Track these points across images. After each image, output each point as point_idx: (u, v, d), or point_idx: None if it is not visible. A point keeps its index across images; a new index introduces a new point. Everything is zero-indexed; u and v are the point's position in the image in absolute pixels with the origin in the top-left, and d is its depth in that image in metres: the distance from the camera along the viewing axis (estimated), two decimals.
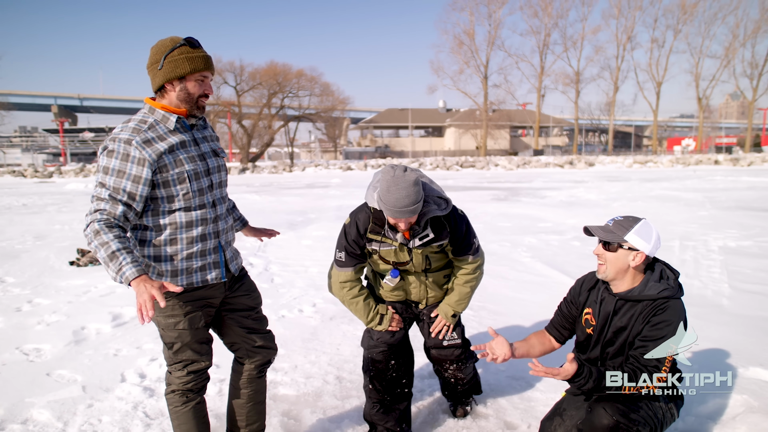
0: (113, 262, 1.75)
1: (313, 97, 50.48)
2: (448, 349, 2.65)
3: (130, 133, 1.91)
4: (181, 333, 2.07)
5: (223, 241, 2.16)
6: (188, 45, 1.97)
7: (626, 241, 2.13)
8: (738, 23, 57.57)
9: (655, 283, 2.15)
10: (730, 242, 7.86)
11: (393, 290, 2.63)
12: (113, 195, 1.86)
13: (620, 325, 2.22)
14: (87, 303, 5.07)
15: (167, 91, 2.00)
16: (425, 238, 2.39)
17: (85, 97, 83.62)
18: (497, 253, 7.46)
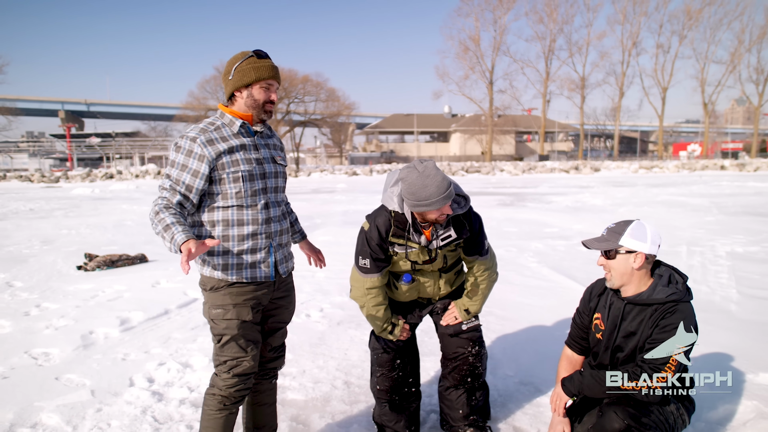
0: (167, 232, 1.93)
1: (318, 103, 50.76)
2: (470, 333, 2.64)
3: (197, 132, 2.12)
4: (229, 324, 2.14)
5: (275, 242, 2.26)
6: (255, 56, 2.16)
7: (622, 246, 2.16)
8: (743, 29, 57.55)
9: (664, 287, 2.16)
10: (738, 248, 7.81)
11: (407, 293, 2.63)
12: (173, 186, 2.08)
13: (630, 330, 2.21)
14: (95, 307, 5.09)
15: (236, 98, 2.19)
16: (448, 238, 2.40)
17: (92, 102, 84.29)
18: (504, 258, 7.44)
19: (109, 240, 9.87)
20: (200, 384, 3.36)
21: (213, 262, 2.16)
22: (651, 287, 2.18)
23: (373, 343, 2.68)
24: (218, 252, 2.15)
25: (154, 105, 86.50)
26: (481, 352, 2.67)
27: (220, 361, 2.18)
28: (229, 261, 2.16)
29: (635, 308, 2.21)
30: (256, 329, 2.23)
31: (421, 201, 2.22)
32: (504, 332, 4.28)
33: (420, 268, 2.54)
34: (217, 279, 2.16)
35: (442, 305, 2.70)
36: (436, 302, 2.71)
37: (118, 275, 6.59)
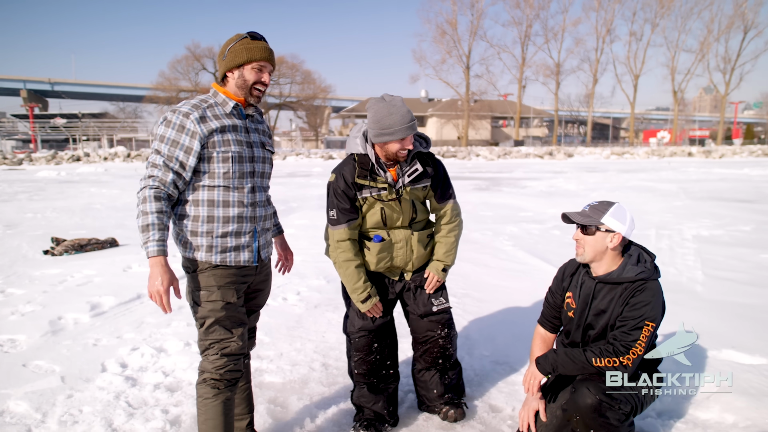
0: (144, 233, 1.96)
1: (294, 85, 50.10)
2: (439, 315, 2.67)
3: (190, 107, 2.08)
4: (213, 306, 2.11)
5: (259, 227, 2.24)
6: (249, 37, 2.15)
7: (603, 224, 2.19)
8: (713, 18, 58.79)
9: (633, 266, 2.21)
10: (704, 231, 8.05)
11: (378, 255, 2.56)
12: (167, 162, 2.04)
13: (600, 308, 2.27)
14: (63, 293, 4.96)
15: (228, 79, 2.18)
16: (414, 172, 2.47)
17: (57, 81, 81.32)
18: (480, 242, 7.52)
19: (77, 224, 9.60)
20: (175, 368, 3.31)
21: (196, 244, 2.11)
22: (621, 266, 2.23)
23: (349, 328, 2.66)
24: (202, 233, 2.11)
25: (123, 85, 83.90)
26: (451, 333, 2.72)
27: (206, 346, 2.14)
28: (213, 243, 2.11)
29: (606, 287, 2.26)
30: (241, 311, 2.20)
31: (384, 129, 2.33)
32: (480, 314, 4.33)
33: (390, 221, 2.52)
34: (201, 261, 2.11)
35: (414, 283, 2.67)
36: (408, 281, 2.68)
37: (87, 260, 6.42)
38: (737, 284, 5.08)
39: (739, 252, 6.53)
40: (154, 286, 1.95)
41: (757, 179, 18.39)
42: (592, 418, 2.09)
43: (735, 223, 8.80)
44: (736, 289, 4.92)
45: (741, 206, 10.93)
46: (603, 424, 2.09)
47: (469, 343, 3.69)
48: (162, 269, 1.95)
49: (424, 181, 2.57)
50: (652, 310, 2.14)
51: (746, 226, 8.49)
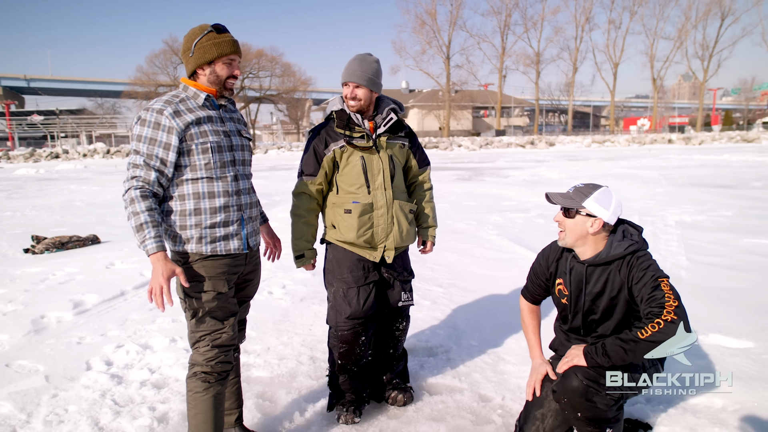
0: (139, 233, 1.95)
1: (274, 78, 49.53)
2: (400, 309, 2.73)
3: (162, 104, 2.06)
4: (205, 297, 2.09)
5: (245, 215, 2.24)
6: (215, 31, 2.13)
7: (584, 207, 2.13)
8: (690, 5, 59.46)
9: (620, 242, 2.15)
10: (686, 217, 8.18)
11: (359, 218, 2.52)
12: (147, 161, 2.02)
13: (596, 291, 2.21)
14: (45, 291, 4.86)
15: (199, 75, 2.17)
16: (390, 121, 2.59)
17: (33, 77, 79.40)
18: (464, 232, 7.55)
19: (57, 221, 9.43)
20: (161, 365, 3.27)
21: (185, 236, 2.10)
22: (607, 245, 2.16)
23: (334, 320, 2.61)
24: (190, 225, 2.10)
25: (101, 81, 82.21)
26: (407, 326, 2.80)
27: (196, 338, 2.12)
28: (203, 234, 2.11)
29: (597, 269, 2.19)
30: (232, 301, 2.19)
31: (343, 70, 2.51)
32: (467, 303, 4.35)
33: (371, 174, 2.52)
34: (191, 253, 2.10)
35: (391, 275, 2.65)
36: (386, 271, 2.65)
37: (68, 257, 6.31)
38: (721, 269, 5.17)
39: (722, 237, 6.65)
40: (155, 280, 1.93)
41: (737, 165, 18.73)
42: (579, 401, 2.08)
43: (717, 208, 8.95)
44: (719, 273, 5.01)
45: (722, 192, 11.12)
46: (590, 408, 2.08)
47: (457, 333, 3.70)
48: (163, 263, 1.94)
49: (402, 137, 2.67)
50: (658, 269, 2.08)
51: (728, 211, 8.65)
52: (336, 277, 2.61)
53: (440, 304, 4.35)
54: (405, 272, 2.71)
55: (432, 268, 5.49)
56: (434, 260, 5.78)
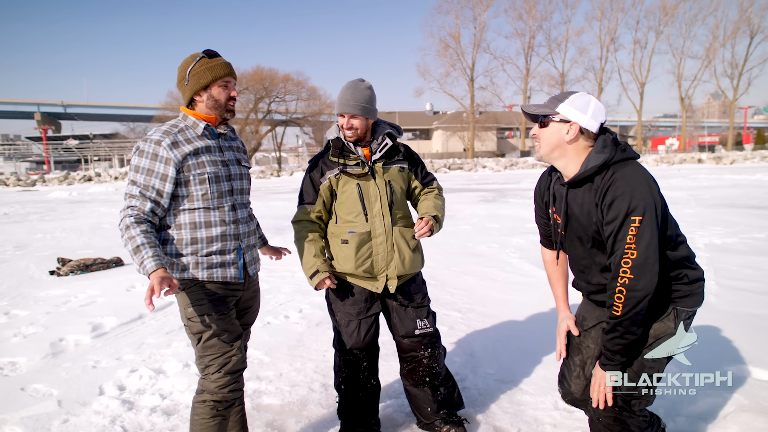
0: (137, 255, 1.91)
1: (299, 102, 50.28)
2: (420, 338, 2.59)
3: (161, 134, 2.07)
4: (208, 318, 2.09)
5: (243, 244, 2.23)
6: (207, 57, 2.14)
7: (558, 113, 1.90)
8: (717, 24, 58.44)
9: (597, 154, 1.87)
10: (716, 239, 7.90)
11: (357, 248, 2.46)
12: (143, 192, 2.03)
13: (580, 217, 1.95)
14: (66, 314, 4.93)
15: (196, 102, 2.17)
16: (385, 146, 2.52)
17: (69, 104, 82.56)
18: (486, 255, 7.42)
19: (85, 243, 9.64)
20: (173, 390, 3.25)
21: (182, 263, 2.10)
22: (586, 160, 1.89)
23: (338, 344, 2.62)
24: (187, 254, 2.11)
25: (133, 106, 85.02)
26: (435, 352, 2.63)
27: (206, 363, 2.10)
28: (199, 261, 2.11)
29: (578, 191, 1.94)
30: (236, 323, 2.19)
31: (337, 101, 2.49)
32: (485, 329, 4.24)
33: (368, 201, 2.47)
34: (188, 279, 2.11)
35: (398, 301, 2.58)
36: (392, 298, 2.58)
37: (92, 280, 6.41)
38: (752, 294, 4.94)
39: (754, 260, 6.38)
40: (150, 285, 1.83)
41: None
42: (613, 425, 1.98)
43: (748, 230, 8.63)
44: (751, 299, 4.78)
45: (754, 213, 10.74)
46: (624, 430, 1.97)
47: (474, 360, 3.59)
48: (160, 275, 1.85)
49: (399, 160, 2.60)
50: (631, 200, 1.75)
51: (760, 233, 8.32)
52: (338, 309, 2.58)
53: (457, 330, 4.25)
54: (418, 298, 2.62)
55: (451, 293, 5.39)
56: (453, 284, 5.68)
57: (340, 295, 2.56)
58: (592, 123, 1.89)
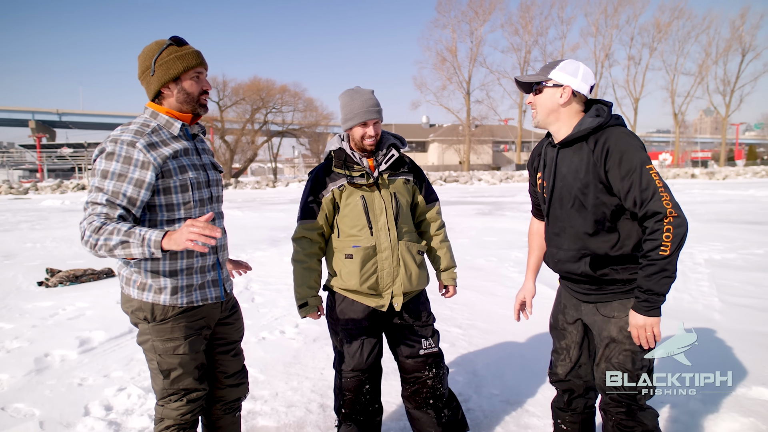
0: (132, 238, 1.61)
1: (296, 113, 50.37)
2: (424, 358, 2.47)
3: (133, 135, 1.79)
4: (182, 358, 1.90)
5: (221, 258, 2.06)
6: (175, 44, 1.88)
7: (551, 78, 2.03)
8: (710, 42, 59.28)
9: (590, 118, 1.99)
10: (715, 255, 7.83)
11: (362, 263, 2.34)
12: (111, 199, 1.72)
13: (568, 174, 2.03)
14: (53, 327, 4.76)
15: (165, 96, 1.91)
16: (391, 158, 2.42)
17: (64, 112, 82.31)
18: (484, 269, 7.31)
19: (75, 253, 9.44)
20: None
21: (158, 285, 1.87)
22: (579, 122, 2.01)
23: (338, 366, 2.49)
24: (164, 272, 1.88)
25: (129, 114, 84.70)
26: (440, 373, 2.51)
27: (168, 394, 1.94)
28: (179, 283, 1.90)
29: (569, 151, 2.04)
30: (203, 354, 2.01)
31: (348, 114, 2.34)
32: (487, 347, 4.11)
33: (373, 214, 2.35)
34: (164, 306, 1.88)
35: (401, 320, 2.45)
36: (396, 317, 2.46)
37: (81, 291, 6.24)
38: (757, 312, 4.84)
39: (755, 277, 6.30)
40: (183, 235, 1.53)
41: (764, 200, 18.15)
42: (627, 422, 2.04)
43: (747, 246, 8.57)
44: (756, 317, 4.69)
45: (751, 228, 10.70)
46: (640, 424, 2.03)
47: (477, 380, 3.46)
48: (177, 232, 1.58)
49: (405, 173, 2.50)
50: (636, 152, 1.87)
51: (759, 249, 8.26)
52: (340, 327, 2.45)
53: (459, 347, 4.12)
54: (423, 316, 2.50)
55: (451, 308, 5.26)
56: (453, 299, 5.54)
57: (342, 313, 2.43)
58: (583, 86, 2.02)
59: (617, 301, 2.02)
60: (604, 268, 2.00)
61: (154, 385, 1.96)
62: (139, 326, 1.94)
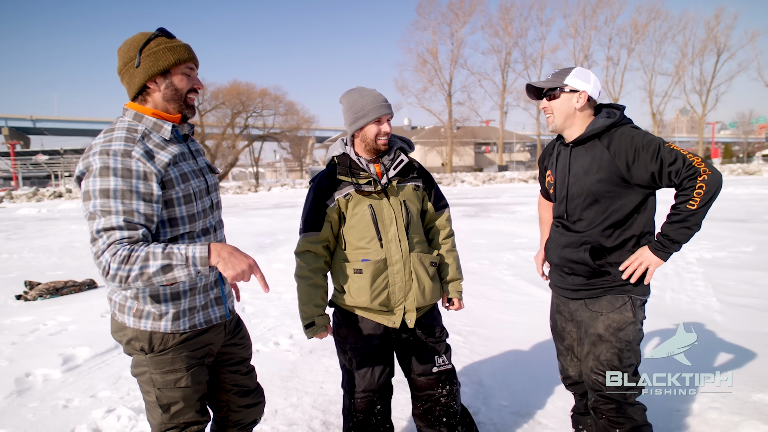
0: (173, 259, 1.44)
1: (277, 117, 49.93)
2: (437, 375, 2.33)
3: (125, 142, 1.55)
4: (184, 392, 1.71)
5: None
6: (164, 35, 1.67)
7: (567, 84, 2.13)
8: (686, 42, 60.37)
9: (604, 118, 2.12)
10: (706, 254, 7.86)
11: (373, 278, 2.18)
12: (128, 219, 1.48)
13: (581, 172, 2.13)
14: (34, 344, 4.53)
15: (150, 92, 1.67)
16: (400, 163, 2.27)
17: (39, 118, 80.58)
18: (478, 272, 7.22)
19: (55, 264, 9.12)
20: None
21: (158, 311, 1.67)
22: (591, 123, 2.14)
23: (347, 386, 2.34)
24: (165, 296, 1.68)
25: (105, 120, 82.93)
26: (453, 389, 2.37)
27: (167, 428, 1.76)
28: (181, 307, 1.71)
29: (581, 149, 2.15)
30: (206, 384, 1.84)
31: (358, 112, 2.18)
32: (490, 354, 4.00)
33: (382, 224, 2.20)
34: (163, 333, 1.69)
35: (412, 336, 2.32)
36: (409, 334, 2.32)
37: (62, 304, 5.98)
38: (757, 311, 4.81)
39: (749, 275, 6.31)
40: (238, 266, 1.47)
41: (744, 198, 18.46)
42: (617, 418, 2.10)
43: (736, 244, 8.63)
44: (757, 317, 4.66)
45: (736, 226, 10.81)
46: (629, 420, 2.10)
47: (484, 390, 3.35)
48: (229, 248, 1.50)
49: (414, 178, 2.34)
50: (651, 137, 2.02)
51: (748, 246, 8.32)
52: (348, 346, 2.29)
53: (461, 355, 4.00)
54: (436, 332, 2.36)
55: (449, 314, 5.13)
56: None
57: (350, 330, 2.28)
58: (595, 91, 2.15)
59: (606, 297, 2.12)
60: (601, 259, 2.12)
61: (151, 419, 1.78)
62: (134, 357, 1.75)
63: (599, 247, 2.10)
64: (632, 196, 2.07)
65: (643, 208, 2.11)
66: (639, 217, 2.11)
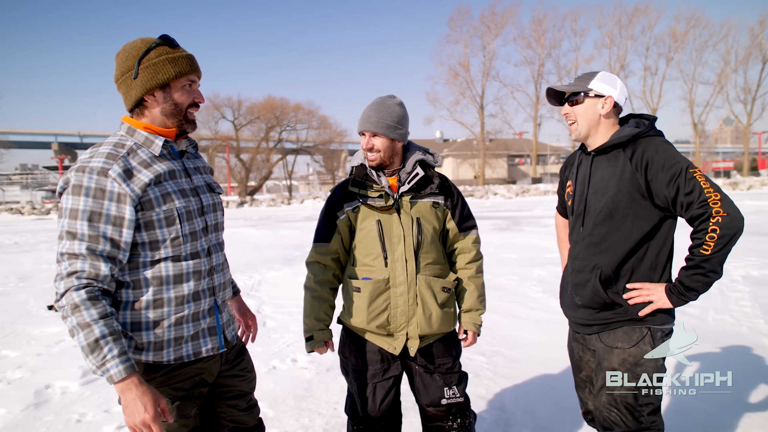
0: (95, 353, 1.39)
1: (310, 130, 50.69)
2: (447, 407, 2.17)
3: (104, 160, 1.47)
4: (169, 427, 1.60)
5: (219, 299, 1.73)
6: (166, 44, 1.57)
7: (591, 89, 1.98)
8: (729, 50, 58.34)
9: (631, 127, 1.95)
10: (753, 271, 7.41)
11: (371, 299, 2.06)
12: (91, 248, 1.43)
13: (602, 183, 1.96)
14: (57, 355, 4.57)
15: (148, 105, 1.59)
16: (415, 177, 2.11)
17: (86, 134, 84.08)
18: (506, 288, 6.99)
19: None
20: None
21: (140, 340, 1.54)
22: (617, 132, 1.97)
23: (350, 410, 2.22)
24: (147, 324, 1.55)
25: None
26: (465, 422, 2.20)
27: None
28: (165, 336, 1.57)
29: (604, 159, 1.98)
30: (197, 417, 1.70)
31: (359, 118, 2.13)
32: (515, 377, 3.80)
33: (390, 242, 2.07)
34: (148, 364, 1.57)
35: (421, 365, 2.16)
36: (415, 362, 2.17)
37: None
38: None
39: None
40: (135, 416, 1.40)
41: None
42: None
43: None
44: None
45: None
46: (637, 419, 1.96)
47: (506, 417, 3.16)
48: (139, 391, 1.41)
49: (432, 194, 2.17)
50: (678, 157, 1.81)
51: None
52: (350, 367, 2.18)
53: (483, 377, 3.82)
54: (447, 363, 2.18)
55: None
56: None
57: (353, 351, 2.17)
58: (621, 97, 1.99)
59: (622, 328, 1.95)
60: (611, 287, 1.95)
61: None
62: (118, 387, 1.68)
63: (609, 274, 1.94)
64: (650, 217, 1.88)
65: (659, 234, 1.92)
66: (653, 244, 1.92)
